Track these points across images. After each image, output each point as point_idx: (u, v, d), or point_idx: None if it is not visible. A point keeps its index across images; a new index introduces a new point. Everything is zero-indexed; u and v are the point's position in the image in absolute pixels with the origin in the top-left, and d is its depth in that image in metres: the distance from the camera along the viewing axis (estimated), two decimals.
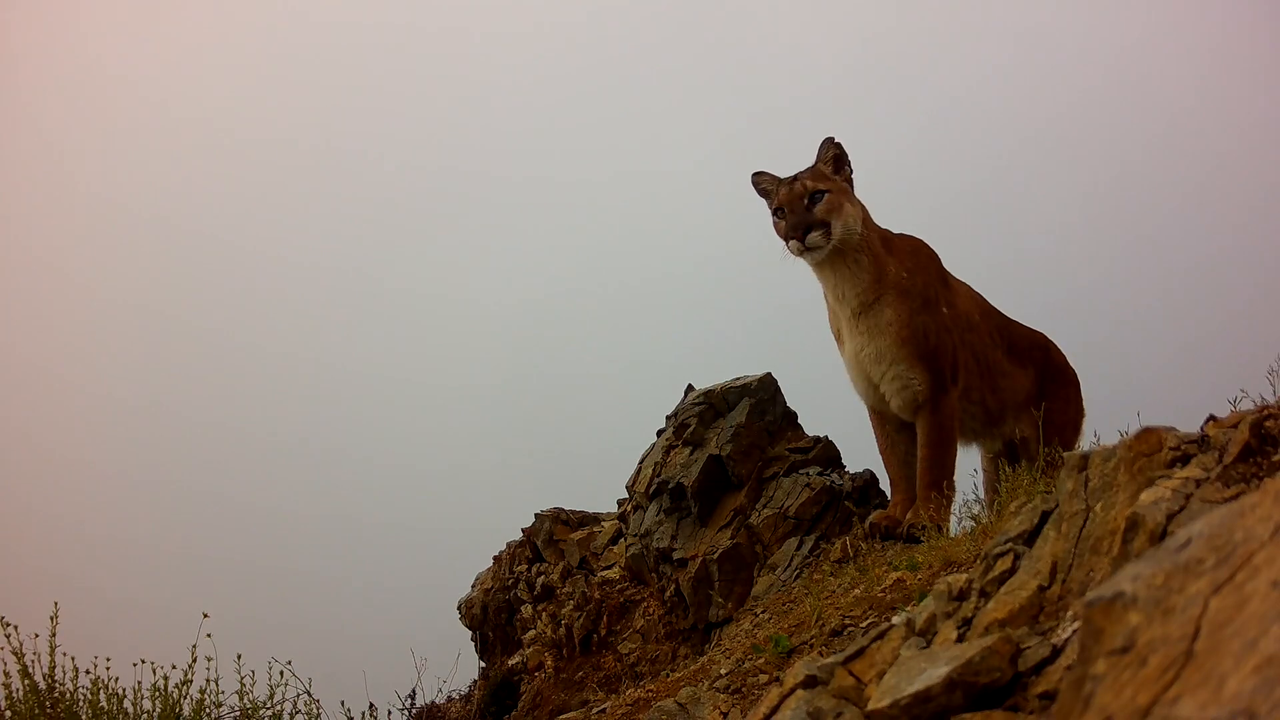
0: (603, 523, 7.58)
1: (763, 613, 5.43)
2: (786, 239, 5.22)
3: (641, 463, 7.23)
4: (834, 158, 5.34)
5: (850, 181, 5.35)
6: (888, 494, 5.95)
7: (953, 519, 5.11)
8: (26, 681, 4.69)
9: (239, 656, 5.10)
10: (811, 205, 5.18)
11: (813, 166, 5.34)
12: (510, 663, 7.34)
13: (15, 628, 4.73)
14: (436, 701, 7.12)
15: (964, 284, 5.71)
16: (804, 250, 5.16)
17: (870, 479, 6.24)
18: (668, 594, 6.42)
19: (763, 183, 5.42)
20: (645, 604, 6.63)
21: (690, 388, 7.16)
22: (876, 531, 5.30)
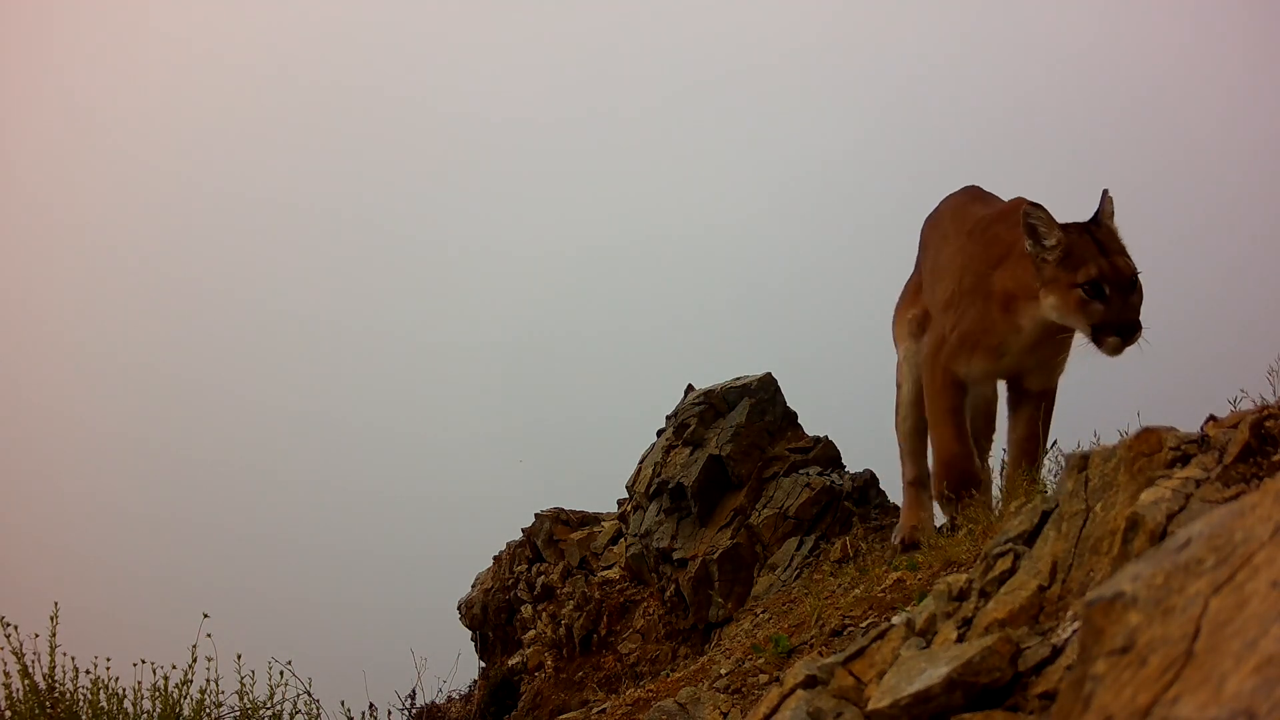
0: (603, 523, 7.57)
1: (763, 613, 5.42)
2: (1105, 329, 4.11)
3: (641, 463, 7.23)
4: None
5: None
6: (888, 494, 5.94)
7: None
8: (26, 681, 4.69)
9: (239, 656, 5.10)
10: (1136, 292, 4.18)
11: (1114, 232, 4.30)
12: (510, 663, 7.34)
13: (15, 628, 4.72)
14: (436, 701, 7.12)
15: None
16: (1120, 350, 4.15)
17: (870, 479, 6.23)
18: (668, 594, 6.42)
19: (1039, 221, 4.26)
20: (645, 604, 6.62)
21: (690, 388, 7.16)
22: (914, 541, 4.88)
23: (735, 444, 6.43)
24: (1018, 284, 4.42)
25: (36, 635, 4.75)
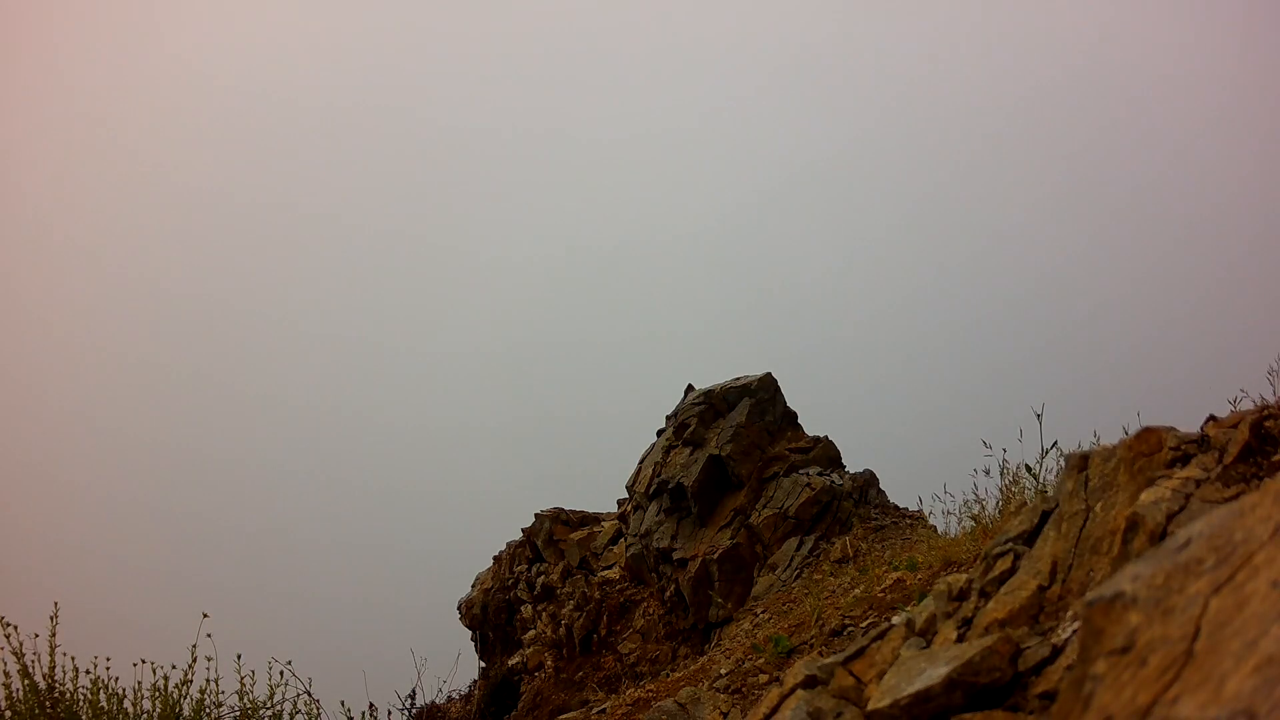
0: (603, 523, 7.57)
1: (763, 613, 5.43)
2: None
3: (641, 463, 7.23)
4: None
5: None
6: (888, 494, 5.94)
7: (952, 519, 5.11)
8: (26, 681, 4.68)
9: (239, 656, 5.09)
10: None
11: None
12: (510, 663, 7.33)
13: (15, 628, 4.72)
14: (436, 701, 7.12)
15: None
16: None
17: (870, 479, 6.22)
18: (668, 594, 6.42)
19: None
20: (645, 604, 6.61)
21: (690, 388, 7.17)
22: None
23: (735, 444, 6.44)
24: None
25: (36, 635, 4.75)
